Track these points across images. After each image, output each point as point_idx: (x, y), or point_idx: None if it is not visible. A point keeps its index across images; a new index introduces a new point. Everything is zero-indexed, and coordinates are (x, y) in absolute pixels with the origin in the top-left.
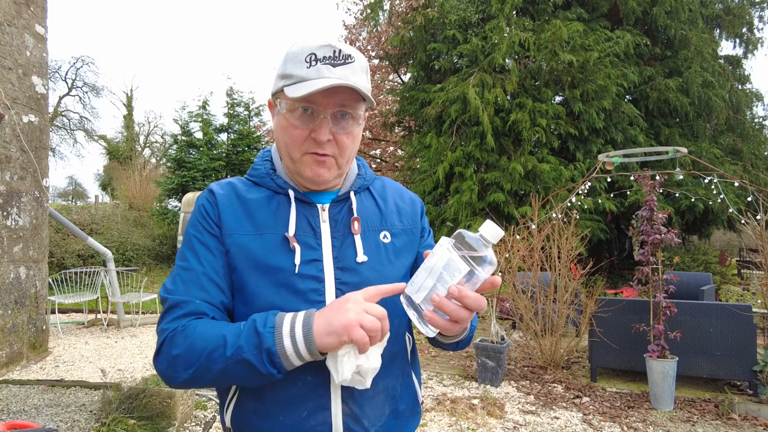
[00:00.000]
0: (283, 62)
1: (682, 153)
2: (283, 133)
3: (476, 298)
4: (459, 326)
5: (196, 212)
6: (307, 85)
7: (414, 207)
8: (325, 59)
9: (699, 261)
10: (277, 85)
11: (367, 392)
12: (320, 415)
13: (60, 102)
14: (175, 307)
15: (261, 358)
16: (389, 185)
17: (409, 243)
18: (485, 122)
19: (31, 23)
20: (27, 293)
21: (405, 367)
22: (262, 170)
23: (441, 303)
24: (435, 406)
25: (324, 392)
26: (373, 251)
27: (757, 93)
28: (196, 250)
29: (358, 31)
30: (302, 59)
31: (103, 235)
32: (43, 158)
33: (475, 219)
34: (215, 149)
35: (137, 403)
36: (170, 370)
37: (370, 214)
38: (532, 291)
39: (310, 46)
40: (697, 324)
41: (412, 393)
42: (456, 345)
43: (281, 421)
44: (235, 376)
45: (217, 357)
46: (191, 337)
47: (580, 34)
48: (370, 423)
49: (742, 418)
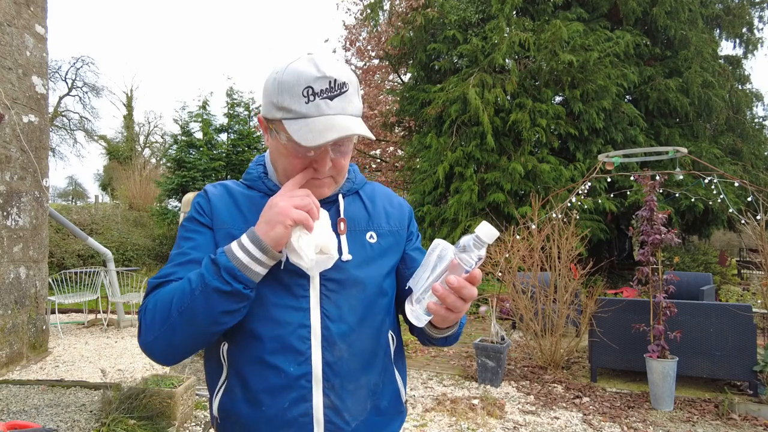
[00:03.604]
0: (277, 90)
1: (682, 153)
2: (282, 159)
3: (471, 288)
4: (454, 315)
5: (191, 210)
6: (311, 126)
7: (402, 211)
8: (323, 92)
9: (699, 261)
10: (274, 114)
11: (349, 386)
12: (302, 407)
13: (60, 102)
14: (155, 286)
15: (223, 277)
16: (379, 190)
17: (395, 244)
18: (485, 122)
19: (31, 23)
20: (27, 293)
21: (387, 364)
22: (255, 174)
23: (442, 293)
24: (435, 406)
25: (306, 384)
26: (359, 250)
27: (757, 93)
28: (189, 237)
29: (358, 31)
30: (299, 92)
31: (103, 235)
32: (43, 158)
33: (475, 219)
34: (215, 149)
35: (137, 403)
36: (149, 335)
37: (357, 216)
38: (532, 291)
39: (305, 77)
40: (697, 324)
41: (394, 390)
42: (445, 340)
43: (263, 411)
44: (210, 309)
45: (185, 296)
46: (160, 293)
47: (580, 34)
48: (352, 416)
49: (742, 418)
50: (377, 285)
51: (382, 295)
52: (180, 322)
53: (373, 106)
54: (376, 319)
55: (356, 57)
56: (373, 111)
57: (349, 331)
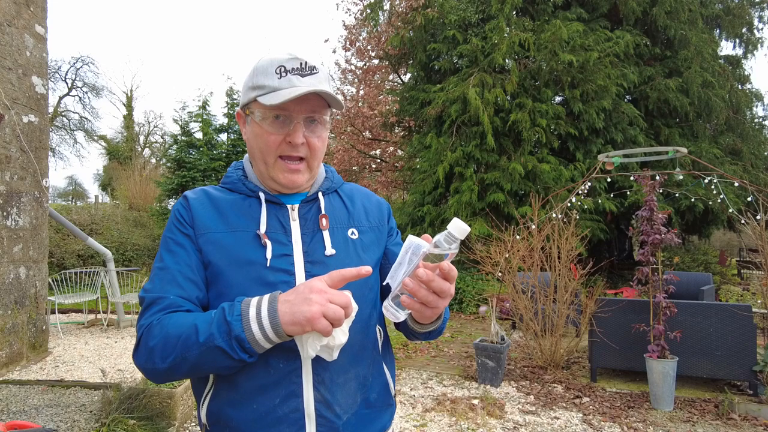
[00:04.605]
0: (252, 75)
1: (682, 153)
2: (258, 140)
3: (440, 281)
4: (430, 310)
5: (172, 217)
6: (281, 93)
7: (381, 208)
8: (294, 70)
9: (699, 261)
10: (249, 95)
11: (339, 379)
12: (293, 402)
13: (60, 102)
14: (152, 304)
15: (231, 344)
16: (357, 189)
17: (376, 240)
18: (485, 122)
19: (31, 23)
20: (27, 293)
21: (376, 356)
22: (234, 177)
23: (412, 287)
24: (435, 406)
25: (296, 379)
26: (342, 246)
27: (757, 93)
28: (172, 250)
29: (358, 31)
30: (272, 71)
31: (103, 235)
32: (43, 158)
33: (475, 219)
34: (215, 149)
35: (137, 403)
36: (149, 363)
37: (338, 213)
38: (532, 291)
39: (278, 59)
40: (697, 324)
41: (383, 382)
42: (428, 335)
43: (254, 409)
44: (211, 362)
45: (191, 344)
46: (166, 327)
47: (580, 34)
48: (342, 410)
49: (742, 418)
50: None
51: (368, 290)
52: (180, 365)
53: (373, 106)
54: (363, 313)
55: (356, 57)
56: (373, 111)
57: None
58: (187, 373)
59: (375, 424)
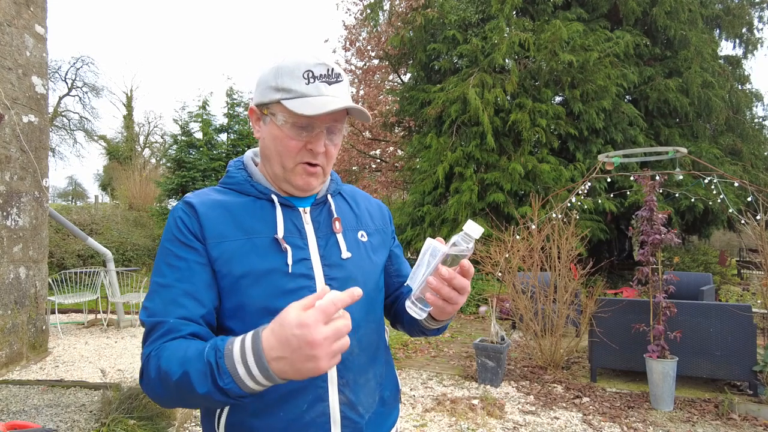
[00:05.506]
0: (276, 75)
1: (682, 153)
2: (276, 143)
3: (461, 279)
4: (451, 306)
5: (171, 225)
6: (310, 102)
7: (382, 211)
8: (322, 77)
9: (699, 261)
10: (271, 96)
11: (360, 379)
12: (319, 407)
13: (60, 102)
14: (152, 331)
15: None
16: (357, 191)
17: (382, 242)
18: (485, 122)
19: (31, 23)
20: (27, 293)
21: (387, 356)
22: (240, 178)
23: (436, 285)
24: (435, 407)
25: (322, 383)
26: (354, 248)
27: (757, 93)
28: (172, 264)
29: (358, 31)
30: (299, 75)
31: (103, 235)
32: (43, 158)
33: (475, 219)
34: (215, 149)
35: (137, 403)
36: (154, 396)
37: (346, 216)
38: (532, 291)
39: (305, 63)
40: (696, 324)
41: (394, 380)
42: (437, 330)
43: (281, 417)
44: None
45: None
46: (164, 366)
47: (579, 35)
48: (365, 410)
49: (742, 418)
50: (375, 281)
51: (379, 291)
52: (182, 400)
53: (373, 106)
54: (377, 313)
55: (356, 57)
56: (373, 111)
57: (357, 326)
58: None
59: (388, 421)
